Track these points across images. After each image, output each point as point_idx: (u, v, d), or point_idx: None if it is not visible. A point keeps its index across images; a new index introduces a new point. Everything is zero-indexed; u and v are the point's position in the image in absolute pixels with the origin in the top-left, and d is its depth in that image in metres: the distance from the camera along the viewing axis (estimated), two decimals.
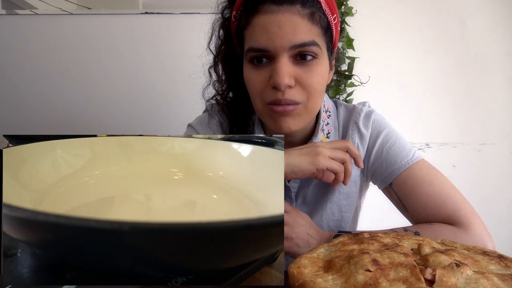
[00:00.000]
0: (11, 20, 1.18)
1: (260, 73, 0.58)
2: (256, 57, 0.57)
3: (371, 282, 0.32)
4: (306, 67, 0.57)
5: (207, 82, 0.72)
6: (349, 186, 0.68)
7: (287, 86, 0.56)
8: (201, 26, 0.69)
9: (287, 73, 0.55)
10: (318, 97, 0.60)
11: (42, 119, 1.22)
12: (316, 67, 0.57)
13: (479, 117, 1.27)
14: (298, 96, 0.57)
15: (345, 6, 1.16)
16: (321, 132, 0.67)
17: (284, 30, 0.54)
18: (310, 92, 0.58)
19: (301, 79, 0.57)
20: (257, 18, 0.56)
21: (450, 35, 1.24)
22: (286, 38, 0.54)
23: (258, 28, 0.56)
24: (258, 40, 0.56)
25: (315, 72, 0.57)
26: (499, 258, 0.37)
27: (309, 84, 0.57)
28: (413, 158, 0.64)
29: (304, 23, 0.55)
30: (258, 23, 0.56)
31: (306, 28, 0.55)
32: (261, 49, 0.56)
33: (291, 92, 0.57)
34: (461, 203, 0.60)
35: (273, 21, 0.54)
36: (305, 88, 0.58)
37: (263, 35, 0.55)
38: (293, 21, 0.54)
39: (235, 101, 0.70)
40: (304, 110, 0.59)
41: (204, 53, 0.70)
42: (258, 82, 0.58)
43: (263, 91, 0.58)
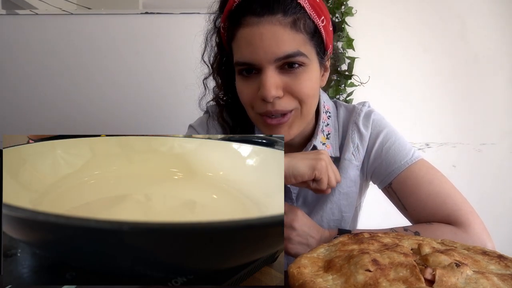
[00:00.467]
0: (11, 20, 1.18)
1: (250, 84, 0.58)
2: (244, 69, 0.58)
3: (371, 282, 0.32)
4: (294, 75, 0.56)
5: (202, 93, 0.72)
6: (348, 186, 0.68)
7: (275, 98, 0.56)
8: (203, 34, 0.70)
9: (273, 85, 0.55)
10: (311, 102, 0.60)
11: (42, 119, 1.22)
12: (304, 74, 0.57)
13: (479, 117, 1.27)
14: (288, 105, 0.57)
15: (345, 6, 1.16)
16: (321, 133, 0.67)
17: (266, 42, 0.53)
18: (302, 99, 0.58)
19: (289, 88, 0.56)
20: (241, 31, 0.56)
21: (450, 35, 1.24)
22: (269, 51, 0.54)
23: (242, 42, 0.56)
24: (243, 53, 0.56)
25: (303, 79, 0.57)
26: (499, 258, 0.37)
27: (299, 91, 0.57)
28: (412, 157, 0.64)
29: (287, 32, 0.54)
30: (241, 36, 0.56)
31: (289, 37, 0.54)
32: (247, 63, 0.56)
33: (281, 103, 0.57)
34: (461, 203, 0.60)
35: (255, 33, 0.54)
36: (295, 96, 0.57)
37: (247, 49, 0.55)
38: (275, 33, 0.53)
39: (234, 105, 0.69)
40: (298, 116, 0.60)
41: (199, 65, 0.70)
42: (248, 94, 0.59)
43: (254, 102, 0.59)
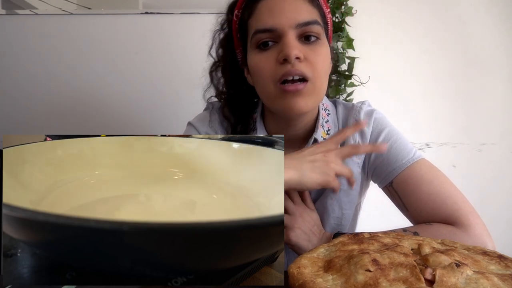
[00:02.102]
0: (11, 20, 1.18)
1: (268, 55, 0.60)
2: (262, 42, 0.60)
3: (371, 282, 0.32)
4: (311, 46, 0.60)
5: (207, 85, 0.74)
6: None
7: (296, 58, 0.58)
8: (203, 33, 0.72)
9: (295, 46, 0.58)
10: (324, 78, 0.62)
11: (42, 119, 1.21)
12: (320, 47, 0.61)
13: (479, 117, 1.26)
14: (307, 70, 0.59)
15: (345, 6, 1.16)
16: (321, 128, 0.68)
17: (288, 9, 0.58)
18: (317, 69, 0.60)
19: (307, 56, 0.59)
20: (261, 3, 0.61)
21: (450, 35, 1.24)
22: (291, 17, 0.58)
23: (264, 10, 0.60)
24: (265, 20, 0.59)
25: (320, 52, 0.60)
26: (499, 258, 0.37)
27: (316, 61, 0.59)
28: (413, 157, 0.64)
29: (306, 4, 0.60)
30: (263, 6, 0.60)
31: (309, 8, 0.60)
32: (268, 29, 0.59)
33: (301, 65, 0.58)
34: (461, 203, 0.60)
35: (277, 2, 0.59)
36: (312, 65, 0.59)
37: (269, 16, 0.59)
38: (296, 3, 0.59)
39: (237, 100, 0.71)
40: (313, 90, 0.60)
41: (204, 57, 0.72)
42: (267, 63, 0.60)
43: (273, 70, 0.60)
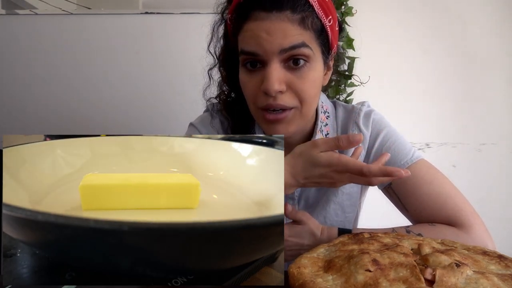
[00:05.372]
0: (11, 20, 1.18)
1: (253, 77, 0.58)
2: (249, 61, 0.58)
3: (371, 282, 0.32)
4: (298, 73, 0.56)
5: (207, 84, 0.73)
6: (351, 186, 0.68)
7: (278, 92, 0.56)
8: (202, 27, 0.70)
9: (277, 79, 0.55)
10: (312, 102, 0.60)
11: (42, 119, 1.21)
12: (309, 72, 0.57)
13: (479, 117, 1.26)
14: (289, 101, 0.57)
15: (345, 6, 1.16)
16: (320, 133, 0.67)
17: (273, 36, 0.54)
18: (303, 98, 0.58)
19: (293, 85, 0.57)
20: (247, 24, 0.56)
21: (450, 35, 1.24)
22: (275, 43, 0.54)
23: (248, 34, 0.56)
24: (249, 43, 0.56)
25: (307, 78, 0.57)
26: (499, 258, 0.37)
27: (301, 89, 0.57)
28: (412, 157, 0.64)
29: (294, 27, 0.54)
30: (248, 29, 0.56)
31: (296, 32, 0.55)
32: (251, 53, 0.56)
33: (283, 98, 0.57)
34: (462, 204, 0.60)
35: (263, 27, 0.54)
36: (297, 94, 0.58)
37: (252, 40, 0.56)
38: (282, 27, 0.54)
39: (236, 100, 0.70)
40: (297, 115, 0.60)
41: (205, 55, 0.70)
42: (251, 87, 0.59)
43: (256, 96, 0.59)
